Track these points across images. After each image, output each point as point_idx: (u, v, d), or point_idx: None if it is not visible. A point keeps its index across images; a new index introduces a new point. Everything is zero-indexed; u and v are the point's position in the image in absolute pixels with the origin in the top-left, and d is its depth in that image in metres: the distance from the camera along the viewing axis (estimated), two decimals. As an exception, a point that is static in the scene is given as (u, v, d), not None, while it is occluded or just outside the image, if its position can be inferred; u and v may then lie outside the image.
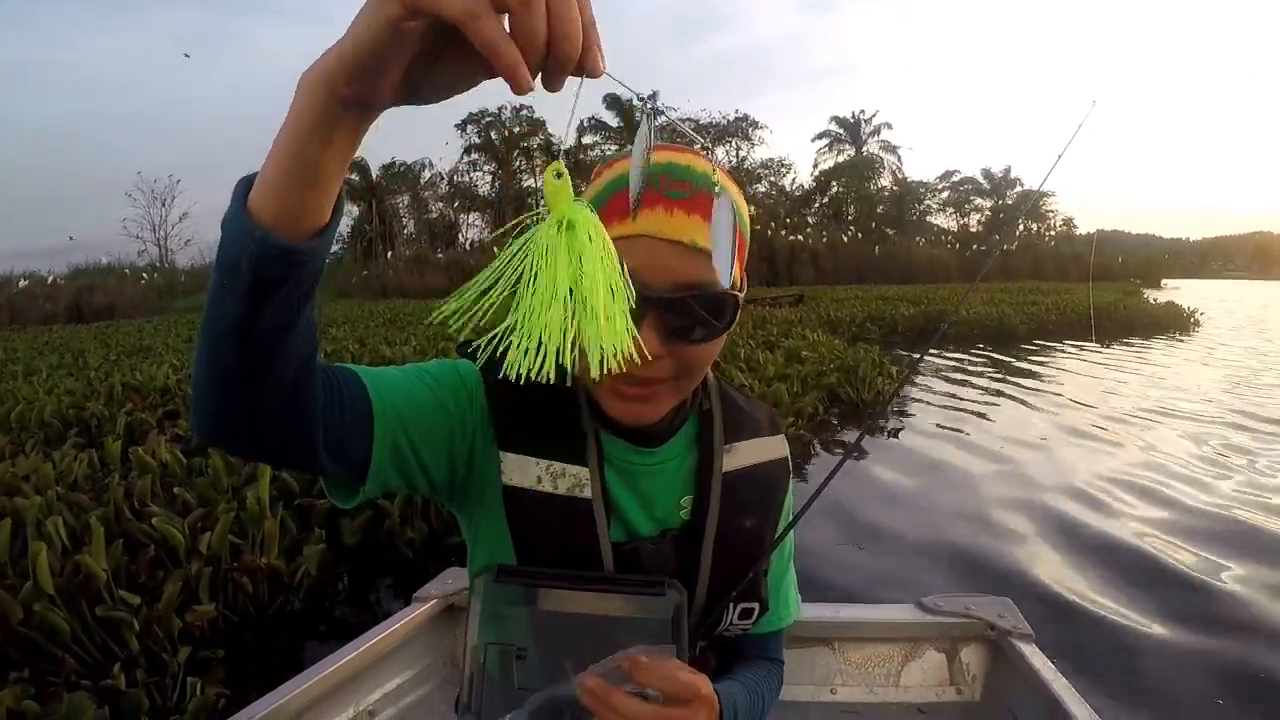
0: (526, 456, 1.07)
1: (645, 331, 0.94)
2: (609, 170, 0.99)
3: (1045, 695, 1.88)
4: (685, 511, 1.17)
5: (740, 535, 1.17)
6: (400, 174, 59.49)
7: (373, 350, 9.96)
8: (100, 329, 24.08)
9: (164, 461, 4.71)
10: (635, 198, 0.79)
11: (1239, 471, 7.29)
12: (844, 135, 66.41)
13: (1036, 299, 24.79)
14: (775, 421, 1.30)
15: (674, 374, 1.01)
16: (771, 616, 1.27)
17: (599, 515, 1.08)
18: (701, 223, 0.93)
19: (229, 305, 0.72)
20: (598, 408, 1.10)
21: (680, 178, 0.95)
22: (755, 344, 11.84)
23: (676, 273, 0.94)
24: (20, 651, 3.02)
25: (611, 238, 0.88)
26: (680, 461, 1.18)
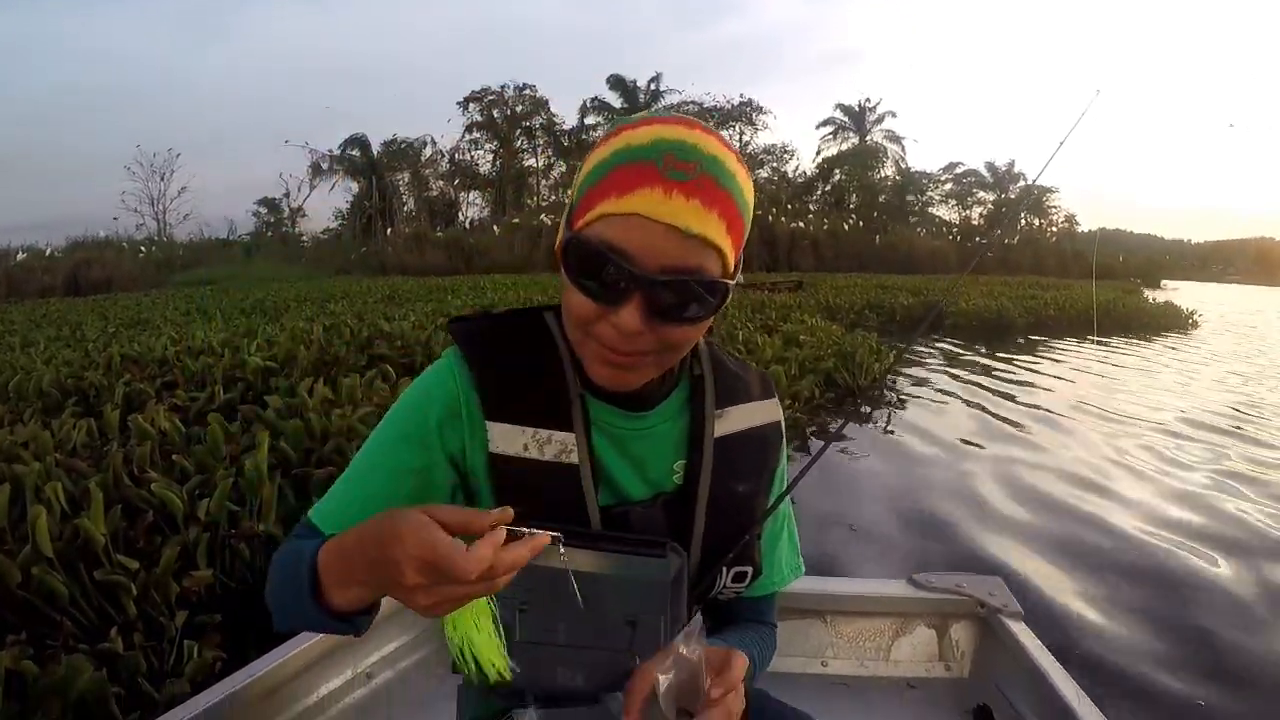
0: (513, 425, 1.08)
1: (629, 309, 0.95)
2: (616, 139, 0.98)
3: (1034, 673, 1.91)
4: (678, 476, 1.18)
5: (733, 499, 1.18)
6: (401, 151, 59.43)
7: (371, 325, 9.94)
8: (98, 302, 24.06)
9: (163, 429, 4.72)
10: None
11: (1232, 461, 7.35)
12: (848, 123, 66.26)
13: (1036, 294, 24.76)
14: (768, 385, 1.31)
15: (655, 349, 1.01)
16: (764, 580, 1.27)
17: (586, 479, 1.09)
18: (700, 207, 0.92)
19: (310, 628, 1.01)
20: (586, 373, 1.10)
21: (687, 157, 0.93)
22: (754, 327, 11.86)
23: (666, 256, 0.93)
24: (18, 615, 3.03)
25: (605, 212, 0.92)
26: (672, 425, 1.19)
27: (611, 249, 0.92)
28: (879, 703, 2.12)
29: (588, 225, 0.95)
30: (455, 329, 1.15)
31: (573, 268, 0.97)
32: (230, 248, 52.20)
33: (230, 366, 7.15)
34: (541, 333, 1.16)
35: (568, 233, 0.98)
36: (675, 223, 0.91)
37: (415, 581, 0.79)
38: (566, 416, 1.10)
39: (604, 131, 1.04)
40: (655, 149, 0.93)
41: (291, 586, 0.95)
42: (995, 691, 2.07)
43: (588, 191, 0.97)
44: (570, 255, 0.97)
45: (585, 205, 0.96)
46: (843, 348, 10.28)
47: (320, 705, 1.88)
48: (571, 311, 1.00)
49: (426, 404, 1.11)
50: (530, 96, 61.26)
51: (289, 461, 4.32)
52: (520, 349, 1.14)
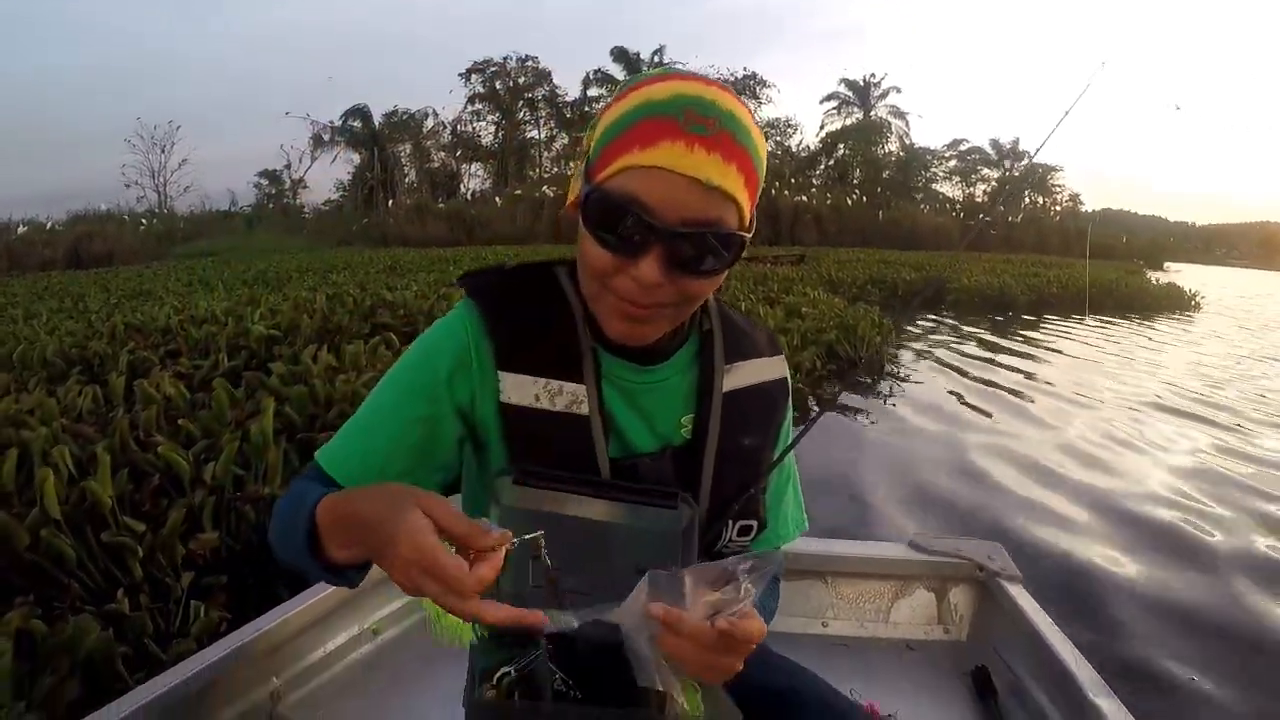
0: (524, 375, 1.09)
1: (649, 261, 0.96)
2: (635, 93, 0.98)
3: (1031, 635, 1.93)
4: (686, 430, 1.18)
5: (740, 453, 1.19)
6: (403, 122, 59.19)
7: (374, 294, 9.95)
8: (99, 274, 23.99)
9: (168, 395, 4.74)
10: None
11: (1230, 432, 7.38)
12: (852, 98, 65.88)
13: (1039, 272, 24.74)
14: (774, 342, 1.31)
15: (673, 301, 1.02)
16: (769, 534, 1.29)
17: (596, 431, 1.10)
18: (720, 161, 0.93)
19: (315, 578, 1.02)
20: (596, 325, 1.11)
21: (706, 113, 0.94)
22: (756, 299, 11.87)
23: (688, 208, 0.94)
24: (26, 577, 3.05)
25: (627, 165, 0.93)
26: (681, 379, 1.19)
27: (633, 201, 0.93)
28: (878, 663, 2.14)
29: (608, 178, 0.95)
30: (467, 282, 1.16)
31: (593, 220, 0.98)
32: (231, 220, 52.07)
33: (234, 335, 7.16)
34: (553, 286, 1.17)
35: (587, 186, 0.98)
36: (697, 175, 0.92)
37: (404, 578, 0.82)
38: (578, 368, 1.11)
39: (611, 96, 1.05)
40: (675, 104, 0.94)
41: (291, 533, 0.97)
42: (993, 654, 2.09)
43: (608, 145, 0.97)
44: (591, 208, 0.97)
45: (605, 158, 0.97)
46: (844, 320, 10.29)
47: (327, 660, 1.91)
48: (590, 264, 1.01)
49: (436, 356, 1.12)
50: (533, 68, 61.02)
51: (294, 426, 4.35)
52: (532, 301, 1.14)
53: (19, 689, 2.37)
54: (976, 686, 2.00)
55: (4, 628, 2.48)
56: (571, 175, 1.10)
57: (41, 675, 2.45)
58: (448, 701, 1.81)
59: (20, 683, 2.39)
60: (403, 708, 1.82)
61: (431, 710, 1.81)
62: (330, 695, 1.84)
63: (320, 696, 1.83)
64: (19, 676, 2.39)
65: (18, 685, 2.36)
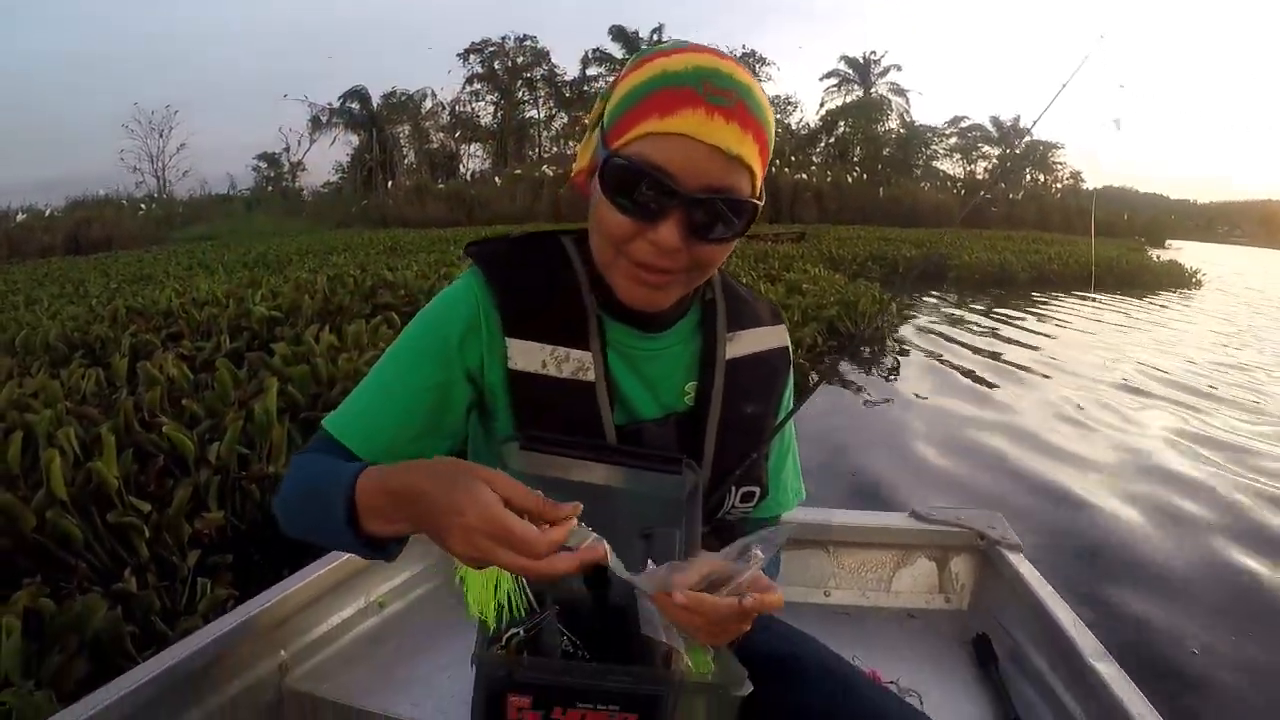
0: (531, 342, 1.10)
1: (669, 226, 0.98)
2: (651, 64, 1.00)
3: (1032, 603, 1.94)
4: (689, 397, 1.20)
5: (742, 420, 1.21)
6: (401, 103, 58.89)
7: (374, 275, 9.95)
8: (99, 260, 23.96)
9: (171, 376, 4.75)
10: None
11: (1227, 403, 7.41)
12: (852, 76, 65.51)
13: (1040, 249, 24.72)
14: (776, 313, 1.33)
15: (687, 267, 1.04)
16: (770, 502, 1.30)
17: (602, 398, 1.11)
18: (738, 130, 0.96)
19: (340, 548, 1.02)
20: (602, 293, 1.13)
21: (723, 85, 0.97)
22: (757, 275, 11.89)
23: (707, 175, 0.96)
24: (32, 559, 3.07)
25: (648, 132, 0.95)
26: (684, 347, 1.21)
27: (654, 167, 0.95)
28: (880, 632, 2.15)
29: (627, 145, 0.97)
30: (473, 250, 1.17)
31: (612, 185, 0.99)
32: (231, 203, 51.93)
33: (235, 316, 7.17)
34: (559, 254, 1.18)
35: (605, 151, 1.00)
36: (717, 143, 0.95)
37: (468, 548, 0.81)
38: (584, 335, 1.12)
39: (621, 69, 1.06)
40: (694, 75, 0.96)
41: (320, 506, 0.97)
42: (994, 622, 2.10)
43: (626, 113, 0.99)
44: (610, 173, 0.99)
45: (624, 125, 0.98)
46: (845, 297, 10.28)
47: (332, 634, 1.92)
48: (607, 230, 1.02)
49: (447, 320, 1.12)
50: (531, 48, 60.69)
51: (297, 405, 4.36)
52: (539, 269, 1.15)
53: (28, 667, 2.39)
54: (978, 654, 2.01)
55: (12, 607, 2.50)
56: (580, 147, 1.12)
57: (50, 654, 2.47)
58: (453, 671, 1.84)
59: (29, 661, 2.41)
60: (409, 678, 1.83)
61: (437, 680, 1.82)
62: (337, 667, 1.86)
63: (327, 668, 1.85)
64: (27, 655, 2.41)
65: (26, 664, 2.38)
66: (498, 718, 0.88)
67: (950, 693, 1.88)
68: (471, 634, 1.02)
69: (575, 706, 0.87)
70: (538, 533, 0.80)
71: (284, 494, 1.08)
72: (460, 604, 0.97)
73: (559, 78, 61.56)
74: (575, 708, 0.87)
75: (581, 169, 1.11)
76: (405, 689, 1.79)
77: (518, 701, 0.86)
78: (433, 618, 2.09)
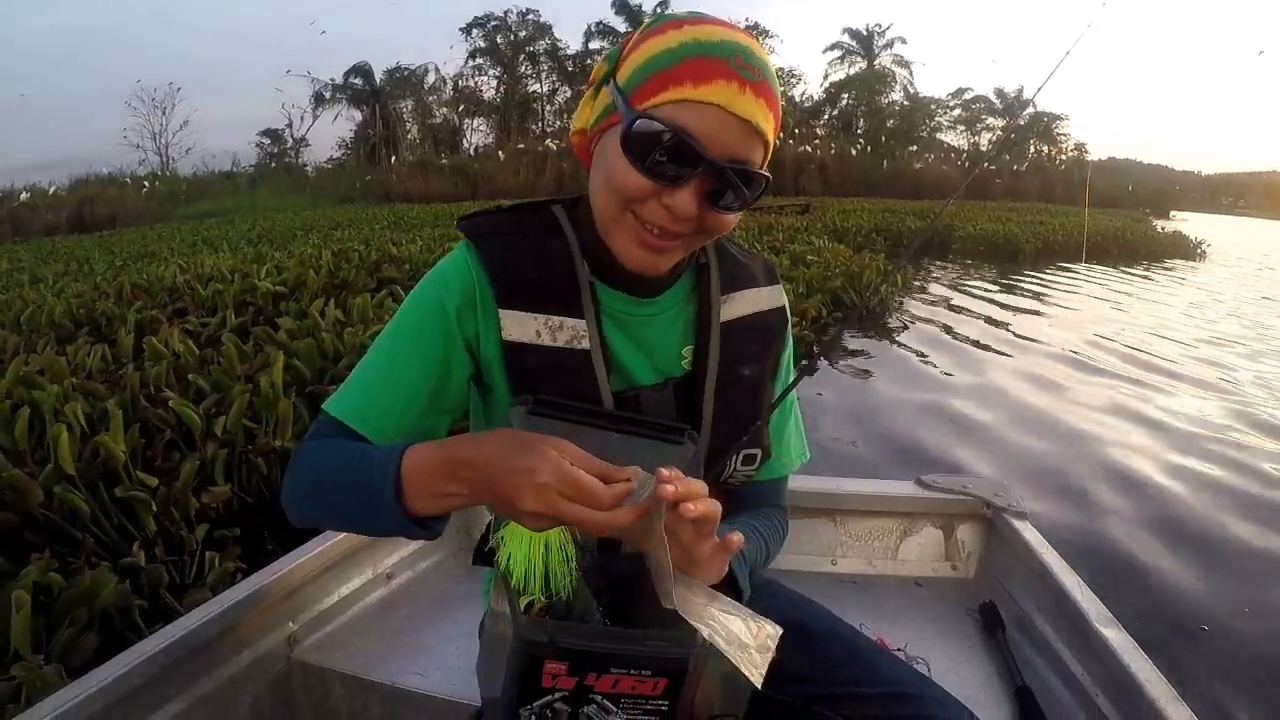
0: (524, 312, 1.10)
1: (687, 191, 0.99)
2: (680, 30, 1.01)
3: (1038, 569, 1.94)
4: (687, 361, 1.20)
5: (740, 383, 1.21)
6: (404, 79, 58.70)
7: (379, 249, 9.94)
8: (103, 238, 23.97)
9: (177, 351, 4.76)
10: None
11: (1231, 374, 7.41)
12: (856, 48, 65.19)
13: (1044, 220, 24.66)
14: (772, 272, 1.33)
15: (694, 232, 1.05)
16: (774, 463, 1.31)
17: (598, 365, 1.11)
18: (765, 106, 1.00)
19: (365, 530, 1.08)
20: (595, 260, 1.13)
21: (751, 60, 0.99)
22: (761, 247, 11.85)
23: (734, 146, 0.99)
24: (40, 534, 3.08)
25: (680, 98, 0.96)
26: (679, 312, 1.21)
27: (686, 131, 0.96)
28: (887, 600, 2.15)
29: (655, 107, 0.98)
30: (464, 224, 1.17)
31: (636, 145, 0.99)
32: (234, 180, 51.80)
33: (240, 292, 7.17)
34: (549, 223, 1.18)
35: (631, 111, 0.99)
36: (747, 116, 0.98)
37: (539, 505, 0.83)
38: (576, 303, 1.12)
39: (642, 30, 1.07)
40: (726, 48, 0.98)
41: (355, 490, 0.97)
42: (1000, 589, 2.10)
43: (654, 75, 0.99)
44: (637, 133, 0.98)
45: (651, 88, 0.99)
46: (849, 268, 10.26)
47: (340, 605, 1.93)
48: (620, 188, 1.02)
49: (444, 293, 1.12)
50: (534, 22, 60.43)
51: (303, 379, 4.36)
52: (529, 239, 1.15)
53: (37, 642, 2.40)
54: (984, 621, 2.02)
55: (21, 582, 2.52)
56: (582, 104, 1.12)
57: (60, 628, 2.48)
58: (461, 641, 1.85)
59: (39, 635, 2.42)
60: (417, 648, 1.84)
61: (446, 651, 1.83)
62: (346, 638, 1.87)
63: (336, 640, 1.86)
64: (37, 629, 2.42)
65: (36, 638, 2.40)
66: (533, 684, 0.88)
67: (957, 660, 1.88)
68: (478, 604, 1.02)
69: (609, 672, 0.87)
70: (605, 487, 0.83)
71: (297, 482, 1.08)
72: (467, 575, 0.97)
73: (562, 52, 61.37)
74: (609, 673, 0.87)
75: (581, 128, 1.11)
76: (414, 659, 1.80)
77: (553, 668, 0.86)
78: (441, 589, 2.10)
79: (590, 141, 1.10)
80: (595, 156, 1.09)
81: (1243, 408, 6.48)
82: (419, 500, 0.93)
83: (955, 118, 67.73)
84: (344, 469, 1.00)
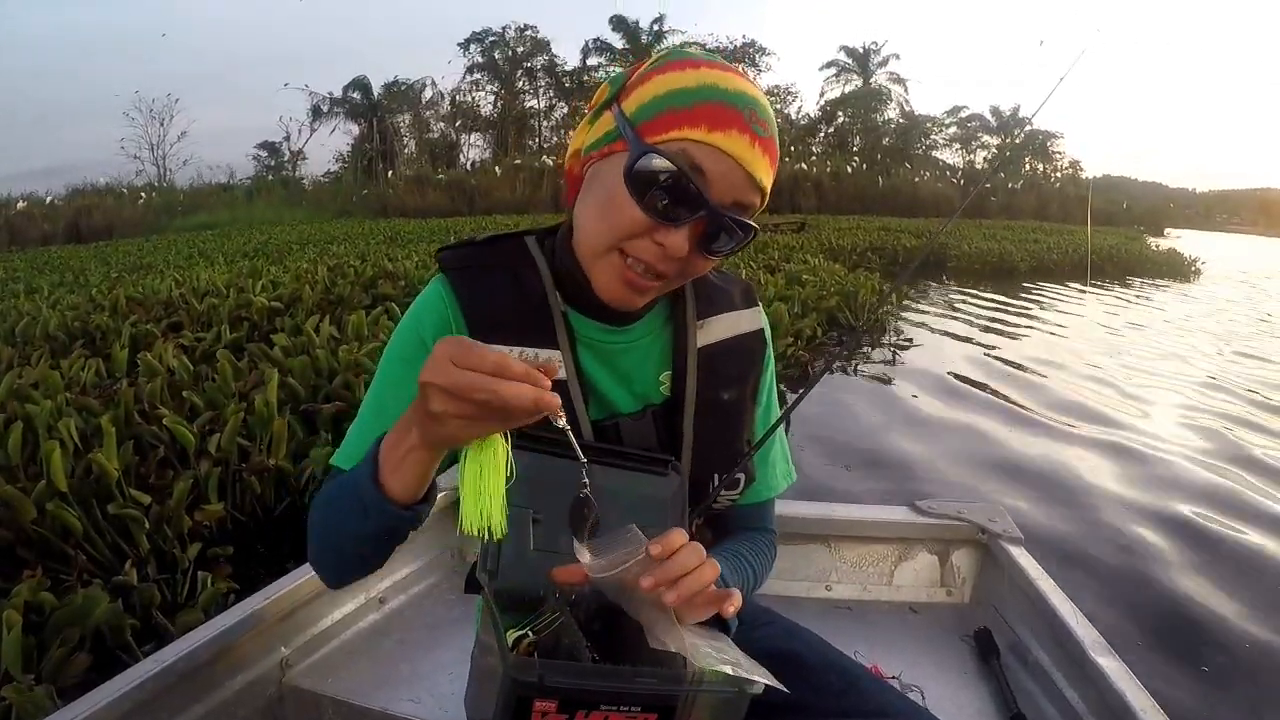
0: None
1: (684, 232, 1.00)
2: (697, 72, 1.02)
3: (1033, 597, 1.94)
4: (665, 387, 1.21)
5: (719, 407, 1.22)
6: (401, 93, 58.80)
7: (375, 265, 9.95)
8: (99, 248, 23.94)
9: (171, 367, 4.75)
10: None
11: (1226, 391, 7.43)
12: (851, 65, 65.37)
13: (1039, 238, 24.72)
14: (749, 295, 1.33)
15: (677, 273, 1.06)
16: (759, 486, 1.31)
17: (575, 395, 1.12)
18: (769, 163, 1.03)
19: (367, 548, 1.03)
20: (567, 290, 1.14)
21: (762, 116, 1.01)
22: (757, 265, 11.88)
23: (737, 194, 1.01)
24: (32, 550, 3.07)
25: (695, 139, 0.98)
26: (655, 338, 1.22)
27: (699, 173, 0.98)
28: (881, 626, 2.15)
29: (664, 143, 0.98)
30: (442, 257, 1.19)
31: (640, 178, 0.99)
32: (231, 192, 51.79)
33: (236, 306, 7.18)
34: (523, 255, 1.19)
35: (641, 144, 0.99)
36: (753, 170, 1.00)
37: (444, 403, 0.78)
38: (551, 333, 1.13)
39: (605, 74, 1.08)
40: (742, 100, 1.00)
41: (349, 503, 0.96)
42: (995, 615, 2.10)
43: (667, 112, 1.00)
44: (644, 166, 0.99)
45: (664, 124, 0.99)
46: (845, 287, 10.27)
47: (333, 630, 1.92)
48: (615, 221, 1.02)
49: (421, 328, 1.14)
50: (532, 38, 60.57)
51: (297, 397, 4.36)
52: (501, 271, 1.17)
53: (28, 661, 2.39)
54: (979, 648, 2.01)
55: (13, 600, 2.51)
56: (580, 128, 1.12)
57: (51, 647, 2.47)
58: (454, 668, 1.84)
59: (29, 655, 2.41)
60: (410, 674, 1.84)
61: (438, 677, 1.83)
62: (338, 663, 1.86)
63: (328, 665, 1.85)
64: (28, 649, 2.41)
65: (27, 657, 2.38)
66: None
67: (952, 686, 1.88)
68: (471, 631, 1.01)
69: (599, 709, 0.87)
70: (501, 354, 0.78)
71: (311, 532, 1.09)
72: (460, 600, 0.97)
73: (559, 68, 61.54)
74: (599, 710, 0.87)
75: (578, 149, 1.11)
76: (406, 685, 1.80)
77: (543, 706, 0.85)
78: (434, 614, 2.10)
79: (584, 165, 1.10)
80: (587, 181, 1.09)
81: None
82: (392, 476, 0.90)
83: (951, 136, 67.96)
84: (338, 490, 1.01)
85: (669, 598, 0.90)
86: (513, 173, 45.93)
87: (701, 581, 0.93)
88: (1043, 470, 5.26)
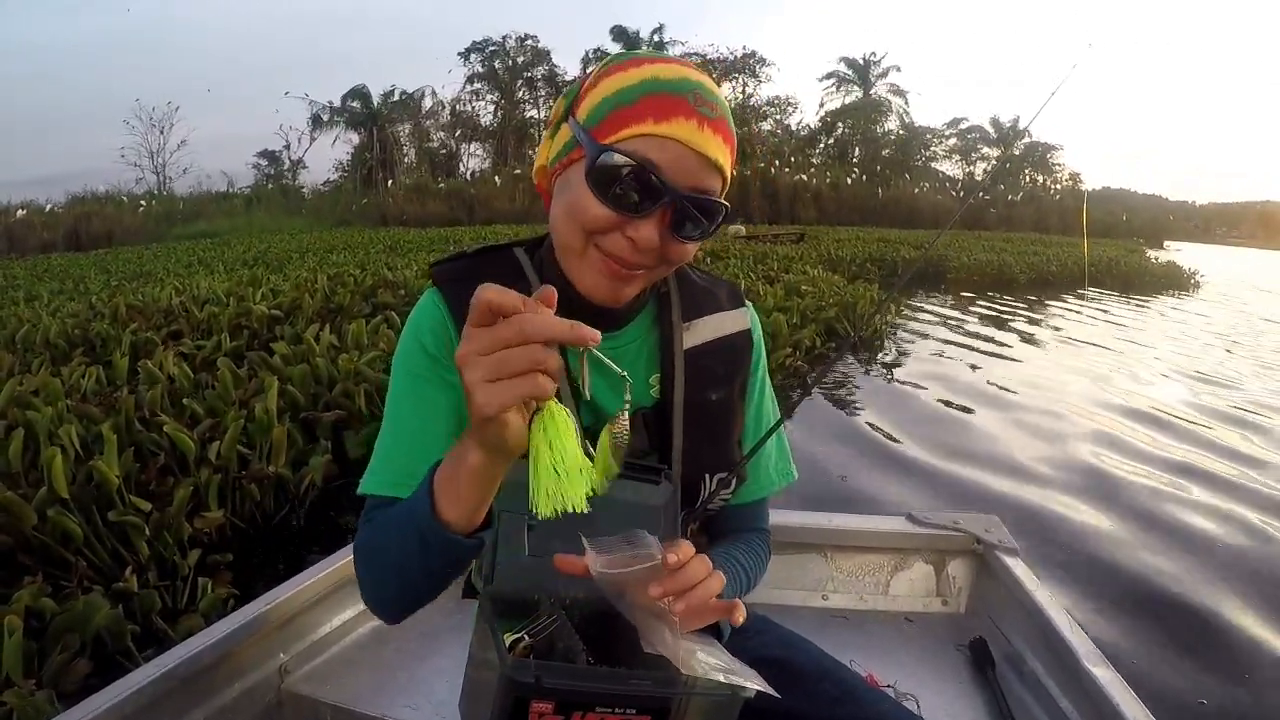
0: None
1: (650, 223, 1.02)
2: (638, 69, 1.04)
3: (1028, 607, 1.95)
4: (654, 390, 1.23)
5: (708, 408, 1.24)
6: (401, 102, 58.91)
7: (375, 274, 9.97)
8: (99, 256, 23.98)
9: (171, 375, 4.76)
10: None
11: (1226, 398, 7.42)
12: (851, 76, 65.49)
13: (1038, 250, 24.75)
14: (735, 295, 1.35)
15: (656, 263, 1.08)
16: (752, 485, 1.33)
17: (565, 401, 1.13)
18: (721, 141, 1.04)
19: (432, 582, 1.03)
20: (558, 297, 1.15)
21: (708, 98, 1.03)
22: (756, 276, 11.89)
23: (694, 178, 1.02)
24: (33, 557, 3.08)
25: (642, 133, 0.99)
26: (642, 342, 1.24)
27: (650, 164, 1.00)
28: (877, 635, 2.16)
29: (618, 142, 1.00)
30: (435, 270, 1.22)
31: (602, 178, 1.01)
32: (230, 200, 51.79)
33: (236, 315, 7.19)
34: (511, 265, 1.22)
35: (595, 145, 1.01)
36: (705, 151, 1.01)
37: (487, 370, 0.78)
38: None
39: (602, 67, 1.09)
40: (684, 86, 1.03)
41: (404, 534, 0.95)
42: (991, 625, 2.11)
43: (615, 112, 1.02)
44: (602, 166, 1.01)
45: (614, 124, 1.01)
46: (844, 298, 10.29)
47: (332, 637, 1.93)
48: (584, 221, 1.04)
49: (420, 335, 1.16)
50: (532, 47, 60.82)
51: (297, 405, 4.37)
52: (493, 280, 1.17)
53: (29, 667, 2.39)
54: (974, 657, 2.02)
55: (14, 606, 2.51)
56: (543, 144, 1.16)
57: (52, 653, 2.48)
58: (452, 674, 1.85)
59: (30, 660, 2.42)
60: (408, 681, 1.85)
61: (436, 684, 1.83)
62: (337, 669, 1.87)
63: (327, 671, 1.86)
64: (29, 654, 2.42)
65: (28, 663, 2.39)
66: None
67: (947, 696, 1.89)
68: (469, 637, 1.02)
69: (595, 711, 0.88)
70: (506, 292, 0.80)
71: (362, 570, 1.09)
72: (458, 607, 0.97)
73: (559, 77, 61.65)
74: (595, 712, 0.88)
75: (542, 165, 1.14)
76: (404, 692, 1.80)
77: (540, 707, 0.86)
78: (432, 621, 2.10)
79: (551, 179, 1.13)
80: (556, 192, 1.12)
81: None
82: (452, 507, 0.90)
83: (951, 147, 68.09)
84: (390, 527, 1.01)
85: (677, 608, 0.92)
86: (512, 182, 46.01)
87: (709, 593, 0.95)
88: (1039, 480, 5.26)
